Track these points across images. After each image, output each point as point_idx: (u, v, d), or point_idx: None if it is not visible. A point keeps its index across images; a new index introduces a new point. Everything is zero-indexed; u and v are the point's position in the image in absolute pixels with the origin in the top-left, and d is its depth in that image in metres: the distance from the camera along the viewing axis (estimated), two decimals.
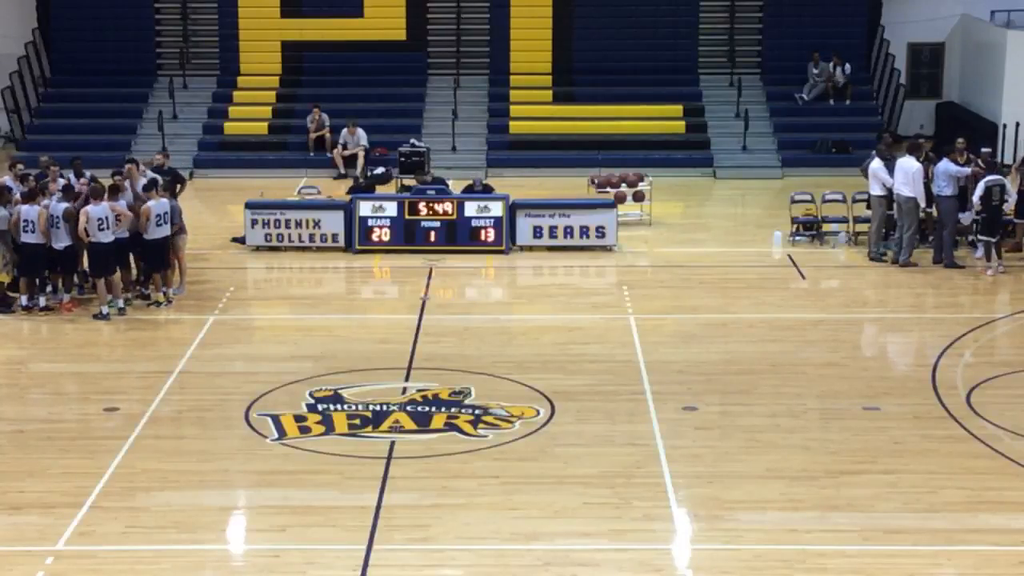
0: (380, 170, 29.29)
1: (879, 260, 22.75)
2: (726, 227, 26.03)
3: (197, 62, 33.77)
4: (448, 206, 23.39)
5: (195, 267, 22.01)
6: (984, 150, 23.97)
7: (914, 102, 33.45)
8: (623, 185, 25.67)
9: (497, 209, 23.42)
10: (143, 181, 20.89)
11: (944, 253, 22.43)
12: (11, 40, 32.96)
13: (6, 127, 32.82)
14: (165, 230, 20.10)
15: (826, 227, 24.40)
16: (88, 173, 21.92)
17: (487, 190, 24.75)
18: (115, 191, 19.94)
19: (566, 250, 23.45)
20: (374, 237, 23.40)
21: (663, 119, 32.12)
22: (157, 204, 20.03)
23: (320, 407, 15.90)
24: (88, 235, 19.37)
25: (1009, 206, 22.26)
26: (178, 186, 22.43)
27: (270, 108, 32.77)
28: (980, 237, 22.50)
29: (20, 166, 22.15)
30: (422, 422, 15.50)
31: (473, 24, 34.01)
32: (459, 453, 14.62)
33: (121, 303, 19.77)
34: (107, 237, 19.45)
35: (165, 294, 20.28)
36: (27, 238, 19.55)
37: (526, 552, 12.30)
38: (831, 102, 32.75)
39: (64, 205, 19.69)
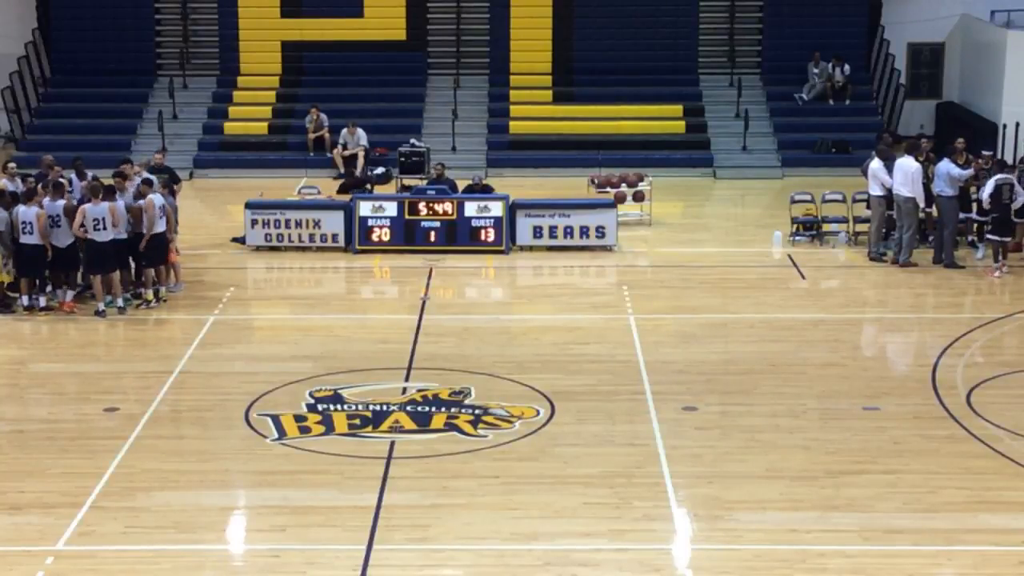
0: (380, 170, 29.29)
1: (879, 260, 22.75)
2: (726, 227, 26.04)
3: (197, 62, 33.78)
4: (448, 206, 23.38)
5: (195, 267, 22.04)
6: (985, 153, 23.94)
7: (914, 102, 33.43)
8: (623, 185, 25.67)
9: (497, 209, 23.41)
10: (137, 181, 20.90)
11: (944, 253, 22.43)
12: (11, 40, 32.95)
13: (6, 127, 32.80)
14: (163, 224, 20.15)
15: (826, 227, 24.41)
16: (90, 173, 21.92)
17: (486, 189, 24.75)
18: (112, 192, 19.93)
19: (566, 250, 23.45)
20: (374, 237, 23.40)
21: (663, 119, 32.13)
22: (156, 198, 20.10)
23: (320, 407, 15.90)
24: (85, 232, 19.38)
25: (1017, 204, 22.13)
26: (175, 185, 22.46)
27: (270, 108, 32.79)
28: (991, 237, 22.34)
29: (12, 165, 22.13)
30: (422, 422, 15.50)
31: (473, 24, 34.01)
32: (459, 453, 14.61)
33: (120, 302, 19.77)
34: (103, 236, 19.46)
35: (157, 292, 20.28)
36: (26, 239, 19.54)
37: (526, 552, 12.29)
38: (831, 102, 32.76)
39: (62, 202, 19.70)
